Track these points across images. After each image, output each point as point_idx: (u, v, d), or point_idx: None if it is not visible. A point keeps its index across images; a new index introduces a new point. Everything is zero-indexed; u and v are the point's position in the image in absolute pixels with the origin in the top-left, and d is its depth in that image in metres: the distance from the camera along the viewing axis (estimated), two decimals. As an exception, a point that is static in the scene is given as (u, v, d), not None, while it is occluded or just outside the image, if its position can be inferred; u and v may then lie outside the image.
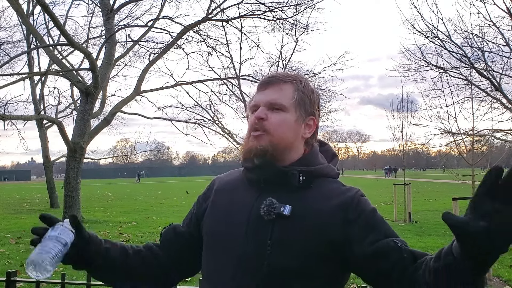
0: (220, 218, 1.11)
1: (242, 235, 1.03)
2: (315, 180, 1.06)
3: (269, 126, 1.04)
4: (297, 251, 0.98)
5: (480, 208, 0.72)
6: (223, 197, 1.14)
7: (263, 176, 1.06)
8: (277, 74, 1.13)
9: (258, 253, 0.99)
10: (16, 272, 2.00)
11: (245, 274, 1.00)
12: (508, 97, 11.27)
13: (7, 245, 7.69)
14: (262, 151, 1.03)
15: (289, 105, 1.07)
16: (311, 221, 1.00)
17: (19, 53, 14.23)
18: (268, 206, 1.01)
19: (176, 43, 13.83)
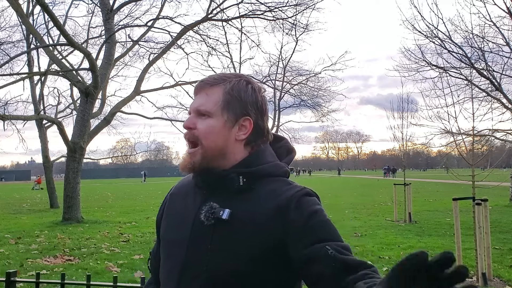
0: (171, 224, 1.11)
1: (186, 240, 1.02)
2: (258, 181, 1.02)
3: (198, 135, 1.03)
4: (237, 256, 0.96)
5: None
6: (175, 202, 1.15)
7: (205, 182, 1.06)
8: (208, 77, 1.08)
9: (198, 259, 0.99)
10: (16, 272, 2.01)
11: (188, 281, 1.00)
12: (508, 97, 11.27)
13: (7, 245, 7.68)
14: (193, 168, 1.03)
15: (215, 110, 1.03)
16: (250, 225, 0.97)
17: (18, 53, 14.23)
18: (208, 211, 1.00)
19: (176, 43, 13.82)
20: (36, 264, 6.03)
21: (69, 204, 10.90)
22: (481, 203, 5.17)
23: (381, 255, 6.33)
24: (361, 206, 14.28)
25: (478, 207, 5.13)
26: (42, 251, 6.98)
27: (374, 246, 7.01)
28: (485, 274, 4.93)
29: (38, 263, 6.09)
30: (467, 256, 5.89)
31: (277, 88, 19.78)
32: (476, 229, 5.04)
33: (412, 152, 77.91)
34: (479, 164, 6.17)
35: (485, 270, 4.97)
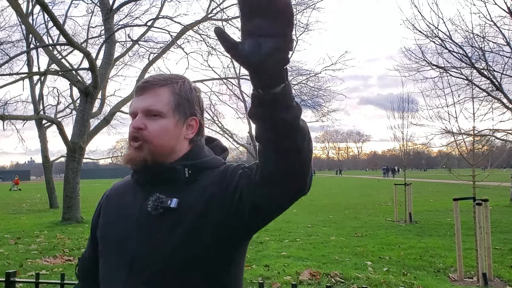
0: (111, 222, 1.12)
1: (133, 234, 1.04)
2: (201, 173, 1.07)
3: (147, 135, 1.04)
4: (187, 241, 0.99)
5: (243, 26, 0.77)
6: (113, 201, 1.16)
7: (149, 176, 1.07)
8: (153, 78, 1.10)
9: (149, 249, 1.01)
10: (15, 272, 2.00)
11: (139, 272, 1.01)
12: (509, 97, 11.27)
13: (6, 245, 7.66)
14: (142, 162, 1.05)
15: (167, 110, 1.06)
16: (197, 211, 1.00)
17: (18, 52, 14.20)
18: (155, 201, 1.02)
19: (176, 42, 13.82)
20: (36, 264, 6.01)
21: (68, 204, 10.89)
22: (482, 203, 5.16)
23: (381, 255, 6.32)
24: (361, 206, 14.28)
25: (478, 207, 5.12)
26: (41, 251, 6.97)
27: (374, 246, 7.00)
28: (486, 275, 4.92)
29: (38, 263, 6.08)
30: (467, 256, 5.88)
31: (277, 88, 19.74)
32: (477, 229, 5.03)
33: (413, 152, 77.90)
34: (480, 164, 6.15)
35: (485, 270, 4.96)
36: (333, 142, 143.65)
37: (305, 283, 4.88)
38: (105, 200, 1.20)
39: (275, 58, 0.76)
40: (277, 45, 0.75)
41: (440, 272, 5.43)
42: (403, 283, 4.82)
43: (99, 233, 1.16)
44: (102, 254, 1.12)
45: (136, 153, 1.05)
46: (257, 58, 0.76)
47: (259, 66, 0.77)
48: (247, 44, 0.76)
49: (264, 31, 0.75)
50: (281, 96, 0.81)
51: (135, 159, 1.05)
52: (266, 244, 7.40)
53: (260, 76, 0.79)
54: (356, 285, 4.74)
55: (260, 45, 0.75)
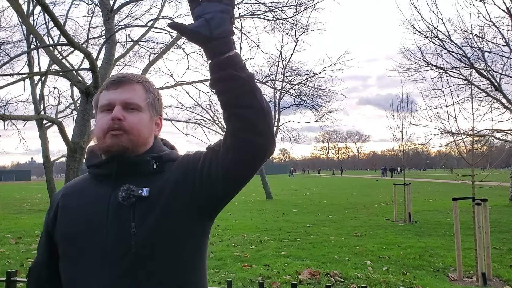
0: (74, 220, 1.10)
1: (103, 228, 1.05)
2: (165, 164, 1.13)
3: (128, 126, 1.09)
4: (162, 224, 1.04)
5: (192, 12, 1.00)
6: (72, 200, 1.15)
7: (116, 168, 1.09)
8: (127, 74, 1.15)
9: (123, 238, 1.03)
10: (16, 272, 2.01)
11: (114, 264, 1.02)
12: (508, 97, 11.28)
13: (7, 245, 7.69)
14: (123, 149, 1.08)
15: (144, 105, 1.13)
16: (168, 195, 1.06)
17: (19, 53, 14.21)
18: (126, 191, 1.06)
19: (176, 43, 13.83)
20: (37, 264, 6.04)
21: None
22: (481, 203, 5.18)
23: (381, 255, 6.34)
24: (361, 206, 14.29)
25: (477, 207, 5.14)
26: (42, 251, 6.99)
27: (374, 246, 7.02)
28: (485, 274, 4.94)
29: (39, 263, 6.10)
30: (467, 256, 5.90)
31: (277, 88, 19.78)
32: (476, 229, 5.05)
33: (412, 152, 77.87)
34: (479, 164, 6.17)
35: (484, 270, 4.98)
36: (332, 142, 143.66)
37: (305, 282, 4.90)
38: (61, 200, 1.17)
39: (222, 28, 0.97)
40: (223, 19, 0.97)
41: (440, 271, 5.45)
42: (402, 282, 4.84)
43: (59, 233, 1.13)
44: (67, 255, 1.10)
45: (115, 140, 1.07)
46: (207, 31, 0.97)
47: (211, 37, 0.97)
48: (197, 23, 0.97)
49: (210, 9, 0.97)
50: (235, 58, 0.99)
51: (115, 145, 1.07)
52: (266, 243, 7.43)
53: (213, 46, 0.98)
54: (355, 284, 4.76)
55: (208, 21, 0.96)
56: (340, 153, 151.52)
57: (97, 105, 1.15)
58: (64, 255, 1.11)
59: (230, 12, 0.98)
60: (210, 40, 0.97)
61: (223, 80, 0.99)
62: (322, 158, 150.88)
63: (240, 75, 0.99)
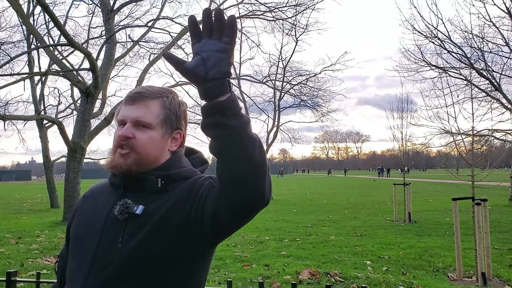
0: (82, 222, 1.16)
1: (97, 236, 1.08)
2: (174, 183, 1.10)
3: (136, 145, 1.08)
4: (147, 245, 1.03)
5: (192, 47, 0.94)
6: (89, 202, 1.19)
7: (123, 182, 1.11)
8: (145, 89, 1.13)
9: (109, 250, 1.05)
10: (16, 272, 2.01)
11: (97, 272, 1.05)
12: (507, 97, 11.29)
13: (7, 245, 7.69)
14: (127, 170, 1.08)
15: (156, 123, 1.10)
16: (160, 216, 1.05)
17: (19, 53, 14.22)
18: (122, 206, 1.07)
19: (176, 43, 13.84)
20: (37, 264, 6.04)
21: (69, 204, 10.91)
22: (481, 203, 5.18)
23: (380, 255, 6.34)
24: (360, 206, 14.29)
25: (477, 207, 5.14)
26: (42, 251, 7.00)
27: (373, 246, 7.02)
28: (485, 274, 4.94)
29: (39, 263, 6.10)
30: (466, 256, 5.90)
31: (277, 88, 19.79)
32: (476, 229, 5.05)
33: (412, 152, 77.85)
34: (479, 164, 6.18)
35: (484, 270, 4.98)
36: (332, 142, 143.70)
37: (305, 282, 4.91)
38: (81, 200, 1.23)
39: (218, 69, 0.90)
40: (220, 59, 0.90)
41: (439, 271, 5.45)
42: (402, 282, 4.84)
43: (71, 232, 1.19)
44: (70, 252, 1.16)
45: (122, 160, 1.08)
46: (202, 71, 0.90)
47: (205, 78, 0.90)
48: (193, 61, 0.91)
49: (208, 48, 0.91)
50: (227, 105, 0.90)
51: (120, 166, 1.08)
52: (266, 243, 7.43)
53: (206, 88, 0.91)
54: (355, 284, 4.77)
55: (205, 61, 0.90)
56: (340, 153, 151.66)
57: (115, 118, 1.16)
58: (70, 250, 1.18)
59: (228, 52, 0.91)
60: (205, 81, 0.91)
61: (210, 126, 0.92)
62: (322, 158, 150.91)
63: (230, 123, 0.90)
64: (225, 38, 0.91)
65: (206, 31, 0.92)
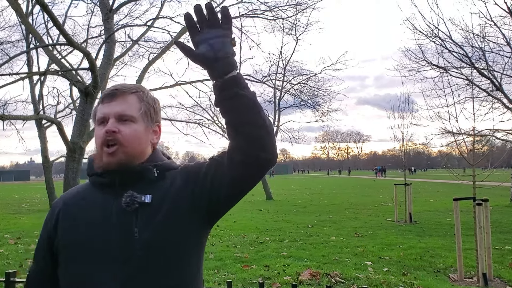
0: (78, 227, 1.11)
1: (107, 234, 1.07)
2: (168, 172, 1.17)
3: (122, 139, 1.11)
4: (164, 229, 1.08)
5: (193, 39, 1.08)
6: (74, 207, 1.15)
7: (117, 178, 1.12)
8: (120, 86, 1.17)
9: (127, 243, 1.06)
10: (15, 272, 2.01)
11: (119, 269, 1.04)
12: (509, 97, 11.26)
13: (6, 245, 7.67)
14: (119, 165, 1.11)
15: (138, 116, 1.14)
16: (169, 201, 1.11)
17: (18, 52, 14.19)
18: (130, 197, 1.09)
19: (176, 42, 13.78)
20: (35, 264, 6.01)
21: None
22: (482, 203, 5.16)
23: (381, 256, 6.32)
24: (361, 207, 14.27)
25: (478, 207, 5.11)
26: (41, 252, 6.97)
27: (374, 247, 6.99)
28: (486, 275, 4.92)
29: (37, 263, 6.08)
30: (467, 256, 5.87)
31: (277, 88, 19.76)
32: (477, 229, 5.03)
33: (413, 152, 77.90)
34: (480, 164, 6.15)
35: (485, 270, 4.96)
36: (333, 142, 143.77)
37: (305, 283, 4.88)
38: (63, 208, 1.17)
39: (225, 50, 1.06)
40: (224, 42, 1.06)
41: (440, 272, 5.43)
42: (403, 283, 4.82)
43: (62, 241, 1.13)
44: (69, 261, 1.10)
45: (111, 158, 1.10)
46: (212, 54, 1.06)
47: (215, 59, 1.06)
48: (201, 48, 1.07)
49: (212, 35, 1.06)
50: (239, 78, 1.07)
51: (111, 164, 1.10)
52: (266, 244, 7.40)
53: (218, 66, 1.06)
54: (356, 285, 4.74)
55: (212, 45, 1.06)
56: (341, 153, 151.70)
57: (94, 118, 1.17)
58: (66, 261, 1.12)
59: (229, 36, 1.07)
60: (215, 61, 1.05)
61: (228, 99, 1.06)
62: (323, 158, 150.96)
63: (244, 93, 1.06)
64: (223, 25, 1.07)
65: (204, 23, 1.07)
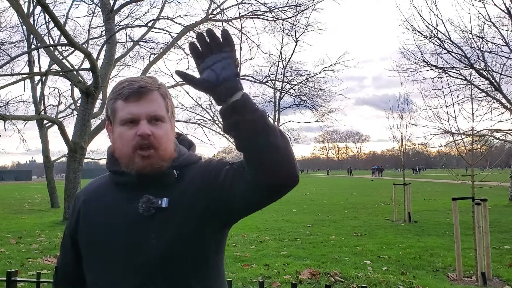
0: (96, 228, 1.10)
1: (123, 237, 1.05)
2: (186, 170, 1.12)
3: (156, 142, 1.04)
4: (181, 235, 1.04)
5: (198, 68, 0.99)
6: (92, 205, 1.13)
7: (137, 179, 1.07)
8: (144, 82, 1.08)
9: (143, 248, 1.03)
10: (16, 272, 2.01)
11: (135, 274, 1.03)
12: (507, 97, 11.30)
13: (8, 245, 7.69)
14: (153, 169, 1.05)
15: (166, 115, 1.09)
16: (186, 204, 1.06)
17: (19, 53, 14.22)
18: (146, 202, 1.05)
19: (176, 43, 13.85)
20: (37, 263, 6.04)
21: (69, 204, 10.92)
22: (481, 203, 5.18)
23: (380, 255, 6.35)
24: (360, 206, 14.29)
25: (477, 207, 5.14)
26: (42, 251, 7.00)
27: (373, 246, 7.02)
28: (485, 274, 4.95)
29: (39, 262, 6.11)
30: (466, 255, 5.90)
31: (277, 88, 19.80)
32: (476, 229, 5.06)
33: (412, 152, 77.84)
34: (479, 164, 6.18)
35: (484, 269, 4.98)
36: (332, 142, 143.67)
37: (305, 282, 4.91)
38: (82, 205, 1.15)
39: (228, 72, 0.96)
40: (224, 65, 0.96)
41: (439, 271, 5.46)
42: (402, 282, 4.85)
43: (82, 239, 1.13)
44: (88, 260, 1.11)
45: (146, 161, 1.04)
46: (213, 78, 0.96)
47: (219, 82, 0.95)
48: (205, 74, 0.96)
49: (213, 61, 0.96)
50: (245, 101, 0.96)
51: (147, 168, 1.04)
52: (266, 243, 7.43)
53: (222, 90, 0.96)
54: (355, 284, 4.77)
55: (213, 70, 0.96)
56: (340, 153, 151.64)
57: (114, 115, 1.07)
58: (86, 260, 1.12)
59: (232, 57, 0.98)
60: (216, 86, 0.96)
61: (231, 127, 0.97)
62: (322, 158, 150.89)
63: (248, 119, 0.95)
64: (225, 48, 0.97)
65: (206, 51, 0.97)
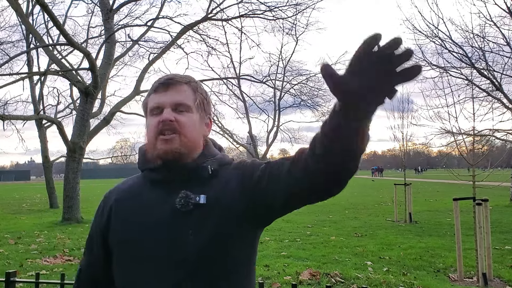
0: (130, 226, 1.09)
1: (159, 235, 1.05)
2: (222, 168, 1.13)
3: (179, 127, 1.07)
4: (219, 232, 1.05)
5: (355, 66, 0.77)
6: (126, 204, 1.13)
7: (172, 174, 1.09)
8: (174, 75, 1.14)
9: (181, 245, 1.03)
10: (15, 272, 2.00)
11: (172, 271, 1.03)
12: (509, 97, 11.28)
13: (6, 245, 7.67)
14: (179, 155, 1.06)
15: (193, 106, 1.11)
16: (223, 203, 1.06)
17: (18, 53, 14.20)
18: (185, 198, 1.05)
19: (176, 42, 13.83)
20: (36, 264, 6.02)
21: (68, 204, 10.89)
22: (482, 203, 5.16)
23: (381, 255, 6.32)
24: (361, 206, 14.28)
25: (478, 207, 5.12)
26: (41, 251, 6.98)
27: (374, 246, 7.00)
28: (486, 275, 4.92)
29: (38, 263, 6.08)
30: (467, 256, 5.88)
31: (277, 88, 19.77)
32: (477, 229, 5.03)
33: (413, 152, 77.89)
34: (480, 164, 6.15)
35: (485, 270, 4.96)
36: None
37: (305, 283, 4.88)
38: (116, 204, 1.15)
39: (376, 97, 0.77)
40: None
41: (440, 272, 5.43)
42: (403, 283, 4.82)
43: (114, 238, 1.12)
44: (121, 260, 1.10)
45: (168, 145, 1.06)
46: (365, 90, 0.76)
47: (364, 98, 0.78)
48: (356, 82, 0.76)
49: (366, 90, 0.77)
50: (368, 126, 0.86)
51: (168, 152, 1.06)
52: (266, 244, 7.41)
53: (359, 109, 0.80)
54: (356, 285, 4.75)
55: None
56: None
57: (147, 109, 1.13)
58: (118, 259, 1.11)
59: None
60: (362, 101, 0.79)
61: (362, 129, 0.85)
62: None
63: (369, 124, 0.86)
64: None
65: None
